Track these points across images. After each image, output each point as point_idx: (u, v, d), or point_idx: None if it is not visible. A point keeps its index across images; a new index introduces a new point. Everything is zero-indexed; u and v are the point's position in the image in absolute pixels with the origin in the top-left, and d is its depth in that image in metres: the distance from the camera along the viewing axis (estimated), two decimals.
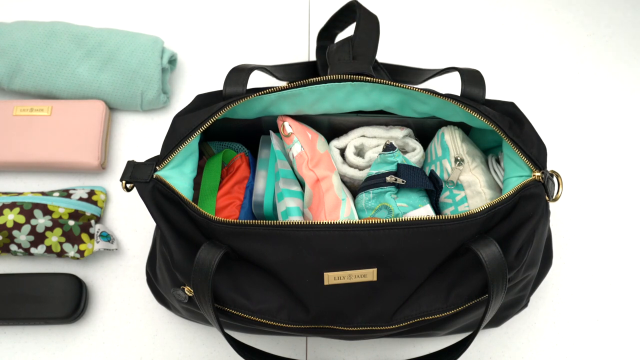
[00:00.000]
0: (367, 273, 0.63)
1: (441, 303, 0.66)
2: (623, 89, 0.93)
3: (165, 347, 0.81)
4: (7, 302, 0.78)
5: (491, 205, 0.64)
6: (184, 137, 0.67)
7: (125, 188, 0.66)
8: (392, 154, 0.73)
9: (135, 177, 0.66)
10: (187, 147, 0.70)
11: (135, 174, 0.66)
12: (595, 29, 0.96)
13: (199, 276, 0.63)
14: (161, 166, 0.67)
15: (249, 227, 0.63)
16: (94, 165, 0.85)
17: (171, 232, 0.66)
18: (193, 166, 0.72)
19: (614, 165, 0.89)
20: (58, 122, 0.86)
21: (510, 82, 0.93)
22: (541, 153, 0.67)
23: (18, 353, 0.80)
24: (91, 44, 0.88)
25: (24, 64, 0.87)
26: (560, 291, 0.83)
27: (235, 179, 0.75)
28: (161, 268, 0.71)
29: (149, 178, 0.66)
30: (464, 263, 0.66)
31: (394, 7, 0.98)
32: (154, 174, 0.66)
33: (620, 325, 0.82)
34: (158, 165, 0.67)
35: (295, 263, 0.63)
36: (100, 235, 0.81)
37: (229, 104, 0.68)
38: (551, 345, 0.81)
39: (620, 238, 0.86)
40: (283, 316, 0.65)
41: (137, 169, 0.67)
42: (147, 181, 0.66)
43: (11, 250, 0.81)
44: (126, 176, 0.66)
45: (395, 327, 0.66)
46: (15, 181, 0.88)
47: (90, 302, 0.82)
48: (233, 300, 0.65)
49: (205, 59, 0.95)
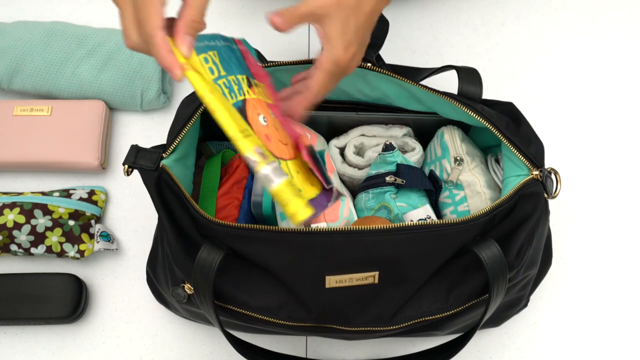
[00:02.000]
0: (368, 276, 0.63)
1: (441, 303, 0.66)
2: (623, 89, 0.93)
3: (165, 347, 0.81)
4: (7, 302, 0.78)
5: (492, 207, 0.64)
6: (188, 117, 0.66)
7: (127, 172, 0.65)
8: (391, 154, 0.73)
9: (140, 164, 0.65)
10: (189, 138, 0.70)
11: (139, 160, 0.65)
12: (595, 29, 0.96)
13: (199, 277, 0.63)
14: (167, 153, 0.66)
15: (250, 231, 0.63)
16: (94, 165, 0.85)
17: (172, 226, 0.66)
18: (193, 161, 0.72)
19: (614, 165, 0.89)
20: (58, 122, 0.86)
21: (510, 82, 0.93)
22: (538, 151, 0.67)
23: (18, 353, 0.80)
24: (91, 44, 0.88)
25: (24, 64, 0.87)
26: (560, 291, 0.83)
27: (233, 179, 0.76)
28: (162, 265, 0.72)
29: (156, 166, 0.65)
30: (464, 263, 0.66)
31: (394, 7, 0.98)
32: (161, 163, 0.65)
33: (620, 325, 0.82)
34: (164, 152, 0.66)
35: (296, 267, 0.63)
36: (100, 235, 0.81)
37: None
38: (551, 345, 0.81)
39: (620, 238, 0.86)
40: (283, 314, 0.65)
41: (141, 154, 0.65)
42: (153, 169, 0.65)
43: (11, 250, 0.81)
44: (129, 160, 0.65)
45: (396, 327, 0.66)
46: (15, 181, 0.88)
47: (90, 302, 0.82)
48: (233, 298, 0.65)
49: None
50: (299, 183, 0.59)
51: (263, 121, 0.60)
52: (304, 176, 0.60)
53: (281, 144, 0.60)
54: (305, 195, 0.58)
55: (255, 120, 0.59)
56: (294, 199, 0.56)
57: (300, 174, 0.60)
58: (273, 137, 0.60)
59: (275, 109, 0.64)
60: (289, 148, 0.61)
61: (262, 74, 0.66)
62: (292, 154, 0.61)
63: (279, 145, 0.60)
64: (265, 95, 0.64)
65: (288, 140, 0.62)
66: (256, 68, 0.66)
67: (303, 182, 0.59)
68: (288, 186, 0.56)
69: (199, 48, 0.58)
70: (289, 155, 0.60)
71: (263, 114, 0.61)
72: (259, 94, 0.63)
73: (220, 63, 0.60)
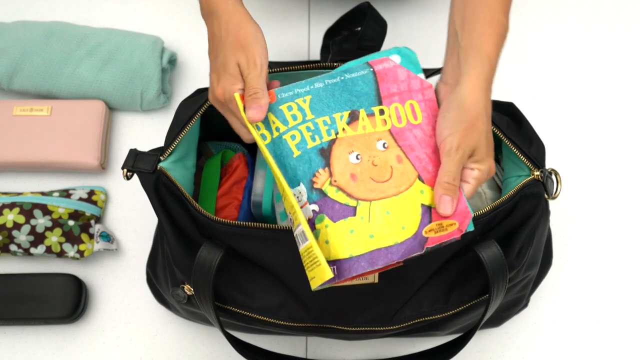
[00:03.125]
0: (368, 276, 0.63)
1: (441, 303, 0.66)
2: (624, 89, 0.93)
3: (165, 347, 0.81)
4: (7, 302, 0.78)
5: (493, 207, 0.64)
6: (186, 121, 0.67)
7: (126, 176, 0.66)
8: None
9: (138, 167, 0.65)
10: (189, 138, 0.70)
11: (138, 163, 0.66)
12: (595, 29, 0.96)
13: (199, 276, 0.63)
14: (165, 156, 0.66)
15: (250, 229, 0.63)
16: (93, 165, 0.85)
17: (171, 227, 0.66)
18: (193, 162, 0.72)
19: (614, 165, 0.89)
20: (58, 122, 0.86)
21: (510, 82, 0.93)
22: (539, 152, 0.67)
23: (18, 353, 0.80)
24: (91, 44, 0.88)
25: (24, 64, 0.87)
26: (560, 291, 0.83)
27: (233, 179, 0.75)
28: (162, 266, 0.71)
29: (153, 168, 0.65)
30: (464, 263, 0.66)
31: (394, 7, 0.98)
32: (158, 165, 0.66)
33: (620, 325, 0.82)
34: (162, 155, 0.66)
35: (295, 265, 0.63)
36: (100, 236, 0.81)
37: None
38: (551, 345, 0.81)
39: (620, 238, 0.86)
40: (283, 314, 0.65)
41: (140, 158, 0.66)
42: (151, 172, 0.65)
43: (11, 251, 0.81)
44: (128, 164, 0.65)
45: (396, 327, 0.66)
46: (15, 181, 0.88)
47: (90, 302, 0.82)
48: (233, 298, 0.65)
49: (205, 59, 0.95)
50: (379, 226, 0.57)
51: (355, 159, 0.59)
52: (397, 218, 0.58)
53: (373, 182, 0.59)
54: (380, 238, 0.57)
55: (340, 159, 0.59)
56: (313, 266, 0.56)
57: (394, 216, 0.58)
58: (363, 176, 0.59)
59: (408, 132, 0.61)
60: (394, 185, 0.59)
61: (414, 88, 0.63)
62: (397, 191, 0.59)
63: (367, 184, 0.58)
64: (405, 117, 0.61)
65: (406, 176, 0.59)
66: (398, 85, 0.63)
67: (392, 223, 0.58)
68: (306, 252, 0.56)
69: (283, 99, 0.61)
70: (382, 195, 0.58)
71: (360, 152, 0.59)
72: (375, 124, 0.61)
73: (310, 107, 0.61)
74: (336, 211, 0.57)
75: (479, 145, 0.58)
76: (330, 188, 0.58)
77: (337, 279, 0.56)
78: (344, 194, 0.58)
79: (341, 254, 0.56)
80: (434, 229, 0.58)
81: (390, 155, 0.60)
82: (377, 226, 0.57)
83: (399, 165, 0.59)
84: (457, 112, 0.58)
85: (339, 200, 0.58)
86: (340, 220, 0.57)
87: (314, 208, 0.58)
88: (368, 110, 0.61)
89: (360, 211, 0.58)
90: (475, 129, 0.58)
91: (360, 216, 0.57)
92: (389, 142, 0.60)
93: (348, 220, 0.57)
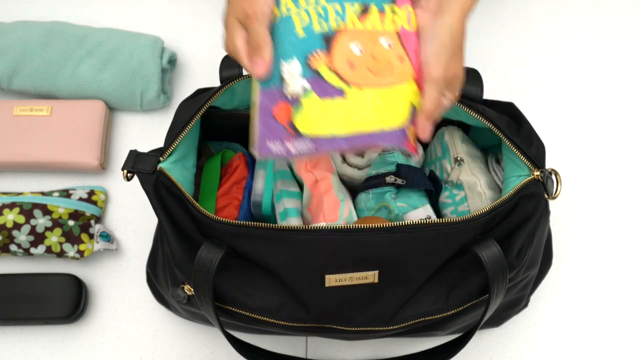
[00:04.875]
0: (368, 275, 0.63)
1: (441, 303, 0.66)
2: (624, 90, 0.93)
3: (165, 347, 0.81)
4: (7, 302, 0.78)
5: (493, 207, 0.64)
6: (186, 122, 0.67)
7: (126, 177, 0.66)
8: (391, 154, 0.73)
9: (138, 168, 0.65)
10: (189, 139, 0.70)
11: (137, 164, 0.66)
12: (597, 29, 0.96)
13: (199, 276, 0.63)
14: (164, 156, 0.66)
15: (250, 228, 0.63)
16: (93, 165, 0.85)
17: (171, 228, 0.66)
18: (193, 162, 0.72)
19: (614, 165, 0.89)
20: (58, 122, 0.86)
21: (510, 82, 0.93)
22: (539, 152, 0.67)
23: (18, 353, 0.80)
24: (91, 44, 0.88)
25: (24, 64, 0.87)
26: (560, 291, 0.83)
27: (233, 179, 0.76)
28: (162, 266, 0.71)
29: (153, 169, 0.65)
30: (464, 263, 0.66)
31: None
32: (158, 166, 0.66)
33: (620, 325, 0.82)
34: (161, 155, 0.66)
35: (295, 265, 0.63)
36: (100, 236, 0.81)
37: (227, 84, 0.68)
38: (551, 345, 0.81)
39: (620, 238, 0.86)
40: (283, 314, 0.65)
41: (139, 158, 0.66)
42: (150, 172, 0.65)
43: (11, 251, 0.81)
44: (128, 165, 0.66)
45: (396, 327, 0.66)
46: (15, 181, 0.88)
47: (90, 302, 0.82)
48: (233, 299, 0.65)
49: (205, 59, 0.95)
50: (366, 111, 0.57)
51: (357, 52, 0.58)
52: (386, 107, 0.58)
53: (369, 73, 0.58)
54: (364, 122, 0.56)
55: (341, 47, 0.58)
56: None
57: (383, 105, 0.57)
58: (361, 66, 0.58)
59: (410, 37, 0.60)
60: (390, 79, 0.58)
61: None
62: (391, 82, 0.58)
63: (363, 72, 0.58)
64: (415, 22, 0.60)
65: (405, 74, 0.59)
66: None
67: (380, 110, 0.57)
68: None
69: None
70: (375, 84, 0.58)
71: (363, 46, 0.58)
72: (384, 22, 0.60)
73: None
74: (326, 91, 0.56)
75: (459, 73, 0.60)
76: (324, 69, 0.57)
77: (315, 151, 0.56)
78: (338, 77, 0.57)
79: (322, 132, 0.56)
80: (412, 132, 0.58)
81: (392, 54, 0.59)
82: (364, 111, 0.57)
83: (400, 64, 0.59)
84: (445, 40, 0.58)
85: (331, 82, 0.57)
86: (327, 99, 0.56)
87: (305, 85, 0.57)
88: (379, 6, 0.60)
89: (350, 95, 0.57)
90: (458, 58, 0.59)
91: (350, 99, 0.57)
92: (394, 43, 0.59)
93: (336, 100, 0.56)
